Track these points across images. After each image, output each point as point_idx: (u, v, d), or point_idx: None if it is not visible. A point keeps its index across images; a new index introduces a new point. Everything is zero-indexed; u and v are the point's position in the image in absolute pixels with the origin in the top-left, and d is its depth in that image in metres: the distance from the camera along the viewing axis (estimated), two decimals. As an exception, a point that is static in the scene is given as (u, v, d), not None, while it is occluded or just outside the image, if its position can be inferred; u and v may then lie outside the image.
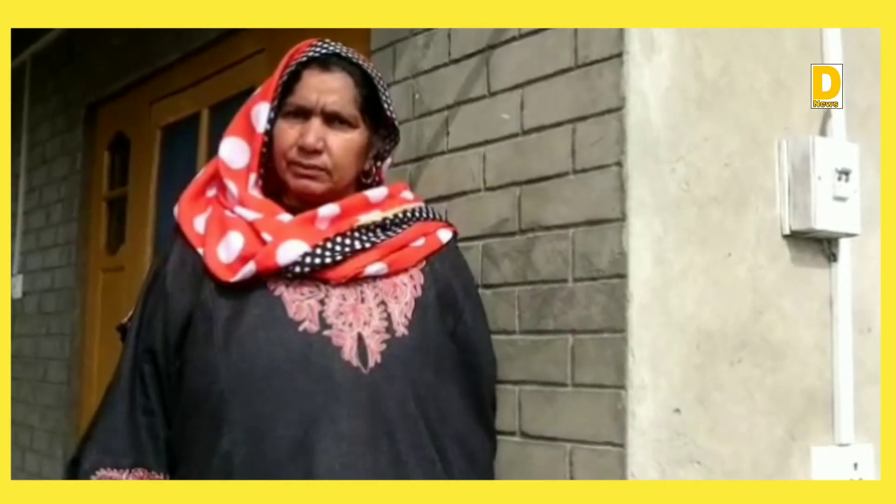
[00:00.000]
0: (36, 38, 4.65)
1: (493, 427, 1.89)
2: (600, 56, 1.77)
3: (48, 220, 4.64)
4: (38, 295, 4.64)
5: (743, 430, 1.82)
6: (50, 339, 4.48)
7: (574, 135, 1.81)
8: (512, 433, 1.89)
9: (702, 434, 1.75)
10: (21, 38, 4.70)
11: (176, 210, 1.83)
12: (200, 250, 1.75)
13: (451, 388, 1.79)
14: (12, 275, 4.83)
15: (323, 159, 1.76)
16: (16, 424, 4.64)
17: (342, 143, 1.78)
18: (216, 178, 1.83)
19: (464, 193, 2.05)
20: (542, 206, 1.86)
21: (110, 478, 1.71)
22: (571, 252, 1.79)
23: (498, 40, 1.99)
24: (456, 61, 2.10)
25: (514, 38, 1.95)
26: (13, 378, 4.68)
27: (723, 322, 1.81)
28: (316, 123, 1.76)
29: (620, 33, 1.73)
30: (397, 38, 2.27)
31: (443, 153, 2.11)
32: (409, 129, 2.17)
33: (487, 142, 2.00)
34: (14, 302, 4.76)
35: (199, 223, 1.79)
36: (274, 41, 2.98)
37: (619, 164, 1.71)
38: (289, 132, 1.77)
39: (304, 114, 1.77)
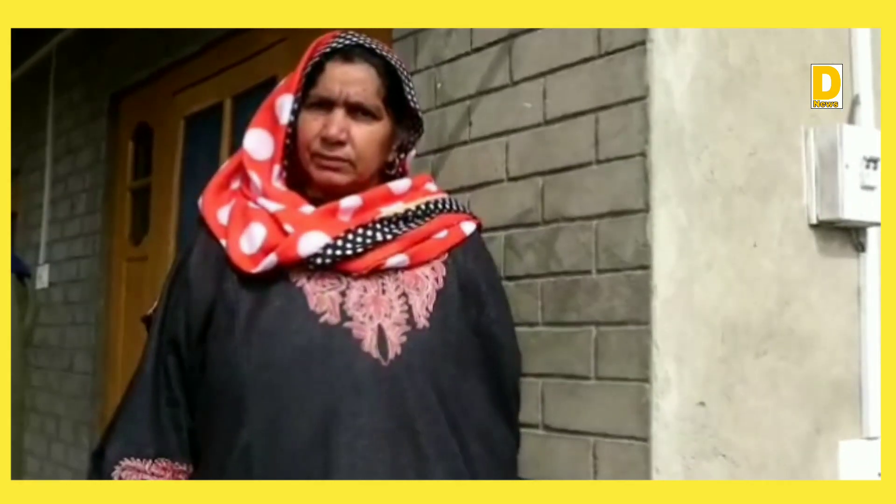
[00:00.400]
0: (60, 29, 4.65)
1: (516, 421, 1.87)
2: (623, 45, 1.74)
3: (73, 210, 4.66)
4: (64, 285, 4.66)
5: (768, 423, 1.80)
6: (76, 329, 4.50)
7: (597, 124, 1.78)
8: (535, 426, 1.87)
9: (727, 427, 1.73)
10: (46, 29, 4.73)
11: (200, 202, 1.83)
12: (224, 241, 1.74)
13: (474, 382, 1.77)
14: (38, 264, 4.86)
15: (346, 150, 1.75)
16: (42, 414, 4.67)
17: (365, 135, 1.77)
18: (240, 170, 1.82)
19: (486, 184, 2.03)
20: (566, 197, 1.84)
21: (134, 468, 1.72)
22: (595, 243, 1.77)
23: (520, 29, 1.97)
24: (478, 50, 2.08)
25: (536, 28, 1.93)
26: (39, 367, 4.72)
27: (748, 314, 1.79)
28: (339, 114, 1.75)
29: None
30: (419, 27, 2.25)
31: (465, 143, 2.10)
32: (431, 118, 2.15)
33: (510, 131, 1.98)
34: (40, 291, 4.78)
35: (223, 215, 1.78)
36: (295, 30, 2.98)
37: (643, 154, 1.69)
38: (312, 123, 1.76)
39: (327, 105, 1.76)
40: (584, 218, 1.80)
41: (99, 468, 1.74)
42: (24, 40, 3.59)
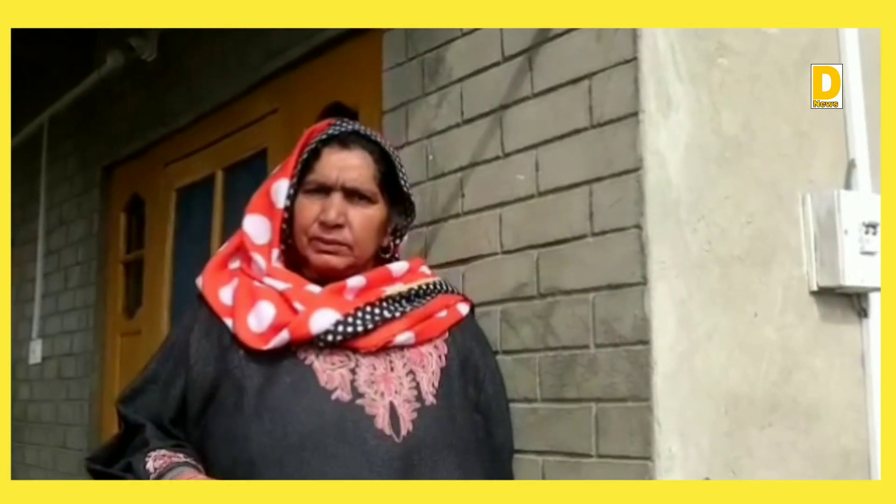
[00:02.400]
0: (54, 100, 4.66)
1: None
2: (615, 115, 1.72)
3: (66, 284, 4.62)
4: (58, 359, 4.61)
5: (777, 497, 1.75)
6: (69, 405, 4.44)
7: (591, 196, 1.76)
8: (537, 505, 1.82)
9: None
10: (39, 100, 4.73)
11: (199, 281, 1.84)
12: (228, 321, 1.74)
13: (479, 457, 1.77)
14: (32, 339, 4.82)
15: (344, 234, 1.78)
16: (37, 491, 4.59)
17: (362, 219, 1.80)
18: (239, 251, 1.84)
19: (481, 257, 2.00)
20: (561, 270, 1.81)
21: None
22: (592, 317, 1.74)
23: (511, 100, 1.95)
24: (469, 121, 2.06)
25: (526, 98, 1.92)
26: (32, 444, 4.65)
27: (751, 385, 1.75)
28: (337, 199, 1.78)
29: (635, 92, 1.69)
30: (409, 98, 2.24)
31: (458, 216, 2.07)
32: (424, 190, 2.13)
33: (503, 203, 1.96)
34: (33, 367, 4.74)
35: (226, 294, 1.79)
36: (287, 101, 2.98)
37: (639, 226, 1.66)
38: (310, 208, 1.79)
39: (324, 190, 1.79)
40: (581, 291, 1.77)
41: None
42: (17, 111, 3.57)
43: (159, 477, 1.63)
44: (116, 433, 1.81)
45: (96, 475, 1.76)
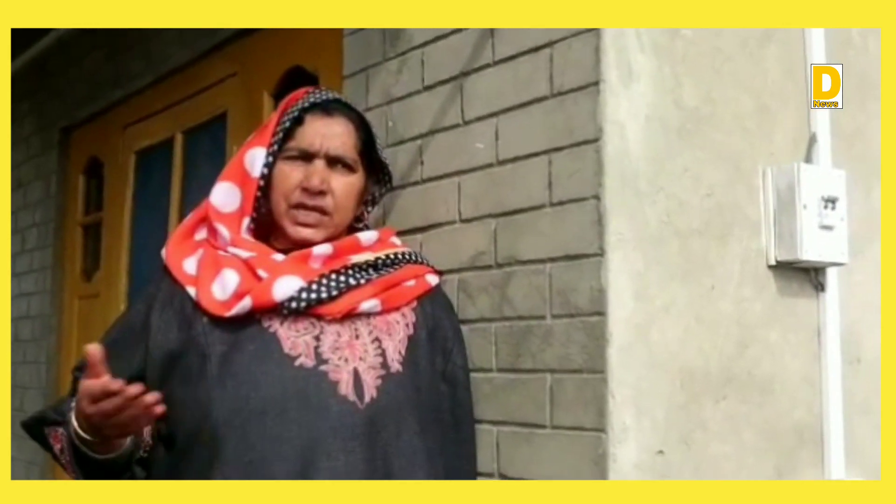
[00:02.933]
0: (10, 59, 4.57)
1: (475, 467, 1.85)
2: (576, 85, 1.70)
3: (23, 246, 4.56)
4: (15, 322, 4.55)
5: (729, 469, 1.75)
6: (26, 367, 4.39)
7: (550, 166, 1.74)
8: (490, 474, 1.82)
9: (686, 475, 1.69)
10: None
11: (164, 252, 1.83)
12: (191, 289, 1.73)
13: (443, 426, 1.78)
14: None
15: (327, 201, 1.77)
16: (-8, 454, 4.55)
17: (344, 187, 1.80)
18: (205, 222, 1.83)
19: (439, 225, 1.98)
20: (519, 240, 1.80)
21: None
22: (549, 288, 1.73)
23: (471, 67, 1.92)
24: (429, 88, 2.03)
25: (487, 65, 1.89)
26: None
27: (707, 358, 1.75)
28: (320, 166, 1.78)
29: (596, 61, 1.67)
30: (370, 64, 2.20)
31: (417, 183, 2.05)
32: (384, 159, 2.10)
33: (462, 172, 1.94)
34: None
35: (189, 265, 1.78)
36: (246, 65, 2.93)
37: (597, 197, 1.65)
38: (291, 175, 1.78)
39: (306, 157, 1.78)
40: (538, 261, 1.75)
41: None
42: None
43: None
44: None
45: (31, 424, 1.82)
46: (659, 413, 1.67)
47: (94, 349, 1.51)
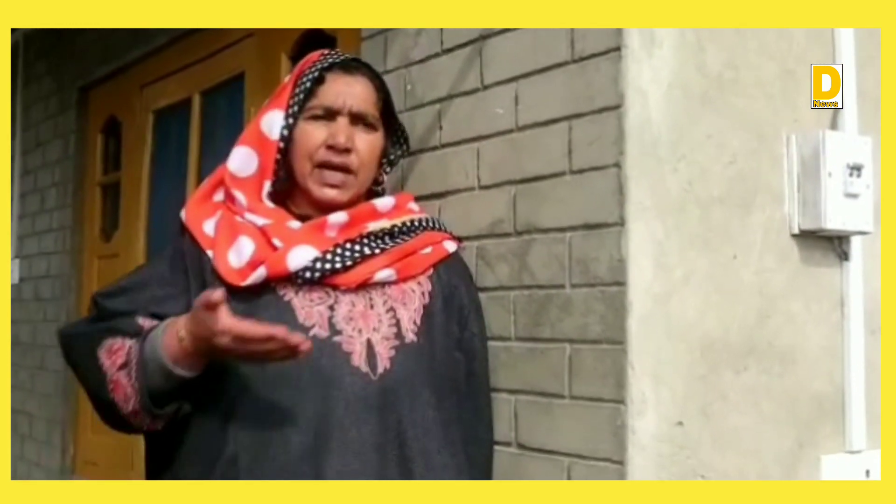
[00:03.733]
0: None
1: (493, 436, 1.84)
2: (597, 50, 1.67)
3: (43, 205, 4.57)
4: (35, 281, 4.58)
5: (749, 440, 1.74)
6: (47, 326, 4.41)
7: (570, 133, 1.72)
8: (508, 444, 1.81)
9: (705, 447, 1.67)
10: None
11: (183, 213, 1.81)
12: (210, 253, 1.72)
13: (459, 395, 1.77)
14: (10, 259, 4.77)
15: (352, 159, 1.76)
16: (14, 412, 4.59)
17: (367, 145, 1.79)
18: (222, 185, 1.81)
19: (457, 191, 1.96)
20: (538, 208, 1.77)
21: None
22: (568, 257, 1.71)
23: (491, 30, 1.89)
24: (448, 51, 2.00)
25: (507, 29, 1.86)
26: (11, 364, 4.63)
27: (727, 328, 1.72)
28: (344, 123, 1.77)
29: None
30: (388, 26, 2.17)
31: (435, 148, 2.02)
32: (401, 121, 2.07)
33: (481, 137, 1.91)
34: (12, 287, 4.69)
35: (209, 226, 1.76)
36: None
37: (618, 165, 1.62)
38: (314, 133, 1.76)
39: (329, 115, 1.77)
40: (558, 230, 1.73)
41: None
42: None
43: (151, 329, 1.59)
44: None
45: (77, 335, 1.72)
46: (678, 384, 1.65)
47: (221, 293, 1.47)
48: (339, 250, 1.69)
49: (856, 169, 1.81)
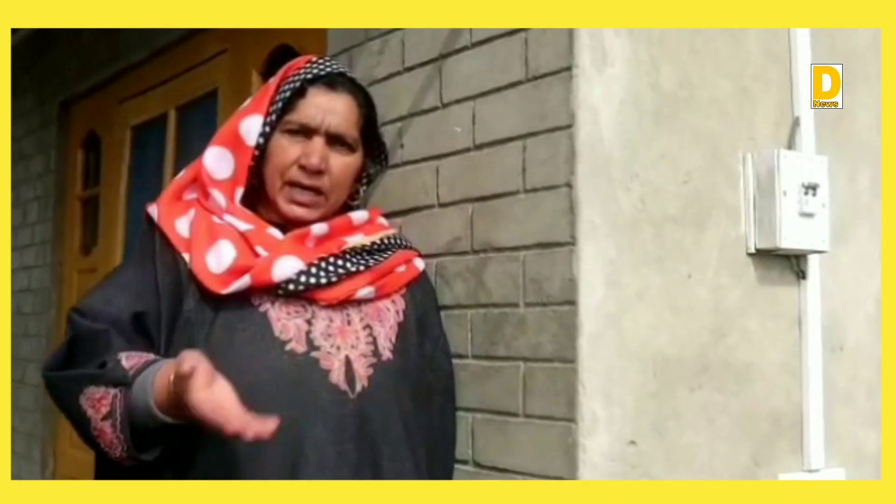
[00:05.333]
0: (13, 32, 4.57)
1: (454, 454, 1.84)
2: (550, 69, 1.67)
3: (25, 219, 4.58)
4: (17, 295, 4.57)
5: (703, 458, 1.74)
6: (28, 341, 4.42)
7: (525, 152, 1.72)
8: (465, 462, 1.81)
9: (658, 466, 1.67)
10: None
11: (154, 211, 1.73)
12: (186, 255, 1.66)
13: (429, 414, 1.77)
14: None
15: (323, 181, 1.74)
16: (-6, 426, 4.59)
17: (342, 167, 1.77)
18: (196, 182, 1.77)
19: (418, 209, 1.96)
20: (494, 226, 1.78)
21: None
22: (522, 275, 1.71)
23: (450, 49, 1.90)
24: (409, 69, 2.01)
25: (465, 48, 1.86)
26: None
27: (681, 346, 1.73)
28: (319, 143, 1.74)
29: (570, 45, 1.64)
30: (353, 44, 2.17)
31: (397, 166, 2.03)
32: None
33: (441, 155, 1.91)
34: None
35: (182, 225, 1.70)
36: (236, 41, 2.92)
37: (569, 185, 1.62)
38: (289, 150, 1.74)
39: (306, 132, 1.74)
40: (512, 249, 1.73)
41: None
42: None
43: (136, 374, 1.48)
44: (63, 342, 1.65)
45: (58, 381, 1.59)
46: (630, 402, 1.65)
47: (189, 366, 1.35)
48: (323, 264, 1.67)
49: (811, 188, 1.82)
